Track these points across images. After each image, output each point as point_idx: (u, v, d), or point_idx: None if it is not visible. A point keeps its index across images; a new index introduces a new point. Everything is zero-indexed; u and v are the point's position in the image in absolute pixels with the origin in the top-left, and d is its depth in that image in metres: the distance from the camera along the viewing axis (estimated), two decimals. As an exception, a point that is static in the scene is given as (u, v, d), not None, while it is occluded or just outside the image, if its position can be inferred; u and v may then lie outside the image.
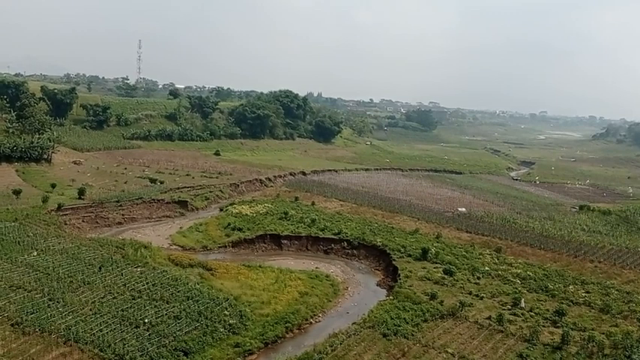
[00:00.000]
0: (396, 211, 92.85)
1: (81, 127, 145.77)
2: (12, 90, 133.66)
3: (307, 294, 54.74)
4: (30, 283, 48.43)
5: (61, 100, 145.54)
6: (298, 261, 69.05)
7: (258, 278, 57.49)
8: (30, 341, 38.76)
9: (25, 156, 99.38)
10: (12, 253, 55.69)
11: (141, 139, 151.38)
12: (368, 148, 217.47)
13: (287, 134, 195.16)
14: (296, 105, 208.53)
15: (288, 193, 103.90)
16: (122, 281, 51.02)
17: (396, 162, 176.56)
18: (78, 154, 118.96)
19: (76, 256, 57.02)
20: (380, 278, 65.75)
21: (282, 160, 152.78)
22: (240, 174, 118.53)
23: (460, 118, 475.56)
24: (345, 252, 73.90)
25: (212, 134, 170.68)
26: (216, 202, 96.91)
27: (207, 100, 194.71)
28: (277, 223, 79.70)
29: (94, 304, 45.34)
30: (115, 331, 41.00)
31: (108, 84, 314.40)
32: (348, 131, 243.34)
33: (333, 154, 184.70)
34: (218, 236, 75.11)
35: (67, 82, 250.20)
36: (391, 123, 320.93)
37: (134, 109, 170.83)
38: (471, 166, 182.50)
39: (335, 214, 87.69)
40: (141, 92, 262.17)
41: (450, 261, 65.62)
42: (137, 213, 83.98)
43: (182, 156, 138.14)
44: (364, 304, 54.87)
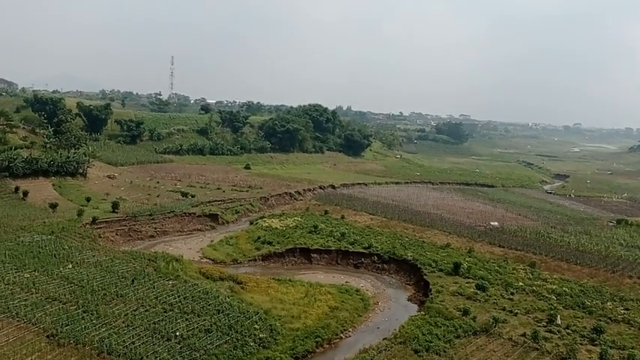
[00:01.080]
0: (427, 225, 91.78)
1: (115, 141, 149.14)
2: (50, 106, 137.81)
3: (337, 308, 54.35)
4: (65, 295, 49.32)
5: (97, 116, 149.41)
6: (328, 275, 68.72)
7: (288, 292, 57.36)
8: (65, 353, 39.37)
9: (61, 170, 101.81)
10: (48, 266, 56.89)
11: (173, 154, 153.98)
12: (398, 162, 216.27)
13: (316, 148, 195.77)
14: (325, 118, 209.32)
15: (318, 206, 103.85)
16: (154, 294, 51.53)
17: (426, 175, 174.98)
18: (112, 168, 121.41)
19: (110, 268, 57.90)
20: (411, 293, 64.91)
21: (312, 173, 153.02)
22: (270, 187, 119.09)
23: (492, 131, 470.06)
24: (375, 266, 73.30)
25: (242, 148, 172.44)
26: (246, 216, 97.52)
27: (237, 114, 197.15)
28: (307, 236, 79.64)
29: (126, 317, 45.86)
30: (147, 344, 41.35)
31: (141, 99, 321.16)
32: (378, 144, 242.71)
33: (362, 167, 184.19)
34: (248, 249, 75.45)
35: (102, 99, 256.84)
36: (421, 136, 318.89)
37: (166, 124, 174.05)
38: (504, 180, 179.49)
39: (365, 227, 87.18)
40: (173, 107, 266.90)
41: (482, 276, 64.37)
42: (169, 226, 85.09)
43: (213, 170, 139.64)
44: (395, 320, 54.21)
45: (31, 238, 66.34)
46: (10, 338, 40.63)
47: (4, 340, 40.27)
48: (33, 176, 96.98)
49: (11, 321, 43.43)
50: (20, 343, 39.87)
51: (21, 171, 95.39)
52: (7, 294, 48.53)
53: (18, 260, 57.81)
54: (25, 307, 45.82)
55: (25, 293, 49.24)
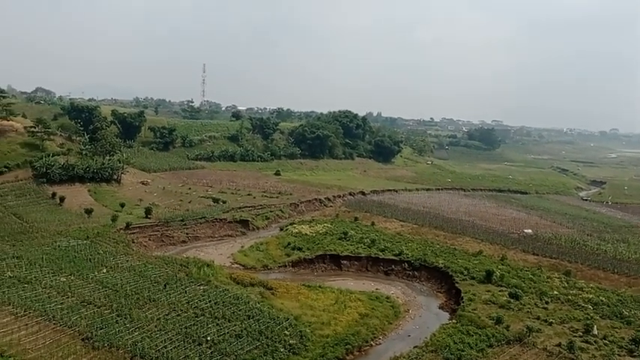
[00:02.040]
0: (459, 232, 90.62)
1: (148, 148, 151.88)
2: (86, 114, 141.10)
3: (367, 315, 54.07)
4: (100, 299, 50.30)
5: (131, 123, 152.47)
6: (358, 282, 68.42)
7: (318, 299, 57.35)
8: (99, 356, 40.11)
9: (96, 176, 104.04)
10: (84, 270, 58.15)
11: (204, 160, 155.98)
12: (429, 168, 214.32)
13: (346, 154, 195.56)
14: (355, 125, 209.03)
15: (348, 213, 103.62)
16: (186, 299, 52.12)
17: (458, 182, 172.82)
18: (145, 174, 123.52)
19: (143, 273, 58.84)
20: (442, 301, 64.18)
21: (342, 179, 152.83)
22: (300, 194, 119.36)
23: (525, 137, 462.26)
24: (405, 273, 72.72)
25: (272, 154, 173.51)
26: (276, 222, 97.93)
27: (267, 121, 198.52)
28: (337, 243, 79.53)
29: (159, 321, 46.48)
30: (179, 348, 41.81)
31: (174, 107, 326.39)
32: (408, 151, 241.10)
33: (392, 173, 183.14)
34: (278, 255, 75.74)
35: (136, 106, 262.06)
36: (453, 142, 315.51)
37: (198, 130, 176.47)
38: (537, 186, 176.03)
39: (395, 234, 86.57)
40: (205, 114, 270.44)
41: (515, 284, 63.19)
42: (200, 232, 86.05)
43: (244, 176, 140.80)
44: (426, 328, 53.66)
45: (67, 242, 68.00)
46: (46, 341, 41.64)
47: (41, 342, 41.28)
48: (69, 182, 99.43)
49: (48, 324, 44.51)
50: (56, 346, 40.81)
51: (58, 177, 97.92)
52: (45, 297, 49.80)
53: (55, 264, 59.29)
54: (61, 310, 46.92)
55: (62, 297, 50.43)
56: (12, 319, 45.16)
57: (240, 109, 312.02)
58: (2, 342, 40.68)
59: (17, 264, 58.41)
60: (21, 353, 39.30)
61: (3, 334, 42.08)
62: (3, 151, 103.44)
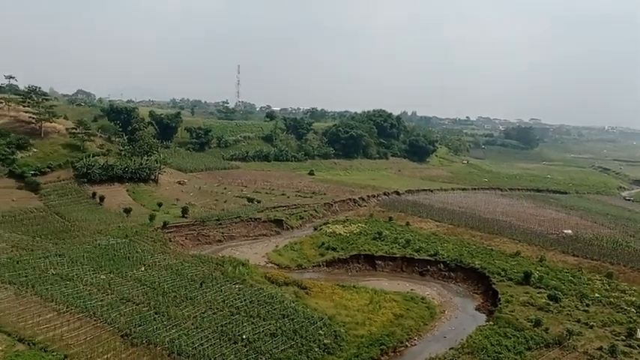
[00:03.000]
0: (496, 232, 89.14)
1: (185, 149, 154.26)
2: (124, 115, 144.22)
3: (402, 316, 53.69)
4: (138, 297, 51.32)
5: (167, 124, 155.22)
6: (393, 282, 68.01)
7: (352, 298, 57.23)
8: (138, 352, 40.93)
9: (134, 177, 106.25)
10: (122, 268, 59.46)
11: (239, 160, 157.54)
12: (465, 167, 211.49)
13: (380, 154, 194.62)
14: (389, 124, 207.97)
15: (382, 213, 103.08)
16: (221, 297, 52.72)
17: (494, 181, 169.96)
18: (182, 174, 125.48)
19: (180, 271, 59.79)
20: (479, 302, 63.25)
21: (376, 179, 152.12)
22: (334, 193, 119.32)
23: (564, 135, 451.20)
24: (441, 274, 71.95)
25: (306, 154, 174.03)
26: (310, 222, 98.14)
27: (301, 121, 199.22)
28: (371, 243, 79.22)
29: (195, 319, 47.14)
30: (215, 346, 42.31)
31: (209, 108, 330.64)
32: (444, 150, 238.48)
33: (427, 173, 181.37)
34: (312, 255, 75.89)
35: (173, 107, 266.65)
36: (489, 141, 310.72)
37: (233, 131, 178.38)
38: (577, 186, 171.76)
39: (430, 234, 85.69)
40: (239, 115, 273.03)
41: (555, 286, 61.80)
42: (236, 231, 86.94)
43: (278, 176, 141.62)
44: (462, 329, 52.95)
45: (107, 241, 69.65)
46: (87, 337, 42.72)
47: (82, 338, 42.37)
48: (109, 182, 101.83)
49: (89, 320, 45.67)
50: (97, 342, 41.83)
51: (98, 177, 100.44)
52: (86, 294, 51.12)
53: (95, 262, 60.81)
54: (101, 307, 48.07)
55: (102, 294, 51.67)
56: (55, 315, 46.50)
57: (274, 110, 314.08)
58: (46, 337, 41.93)
59: (60, 262, 60.13)
60: (63, 348, 40.42)
61: (47, 329, 43.36)
62: (46, 152, 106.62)
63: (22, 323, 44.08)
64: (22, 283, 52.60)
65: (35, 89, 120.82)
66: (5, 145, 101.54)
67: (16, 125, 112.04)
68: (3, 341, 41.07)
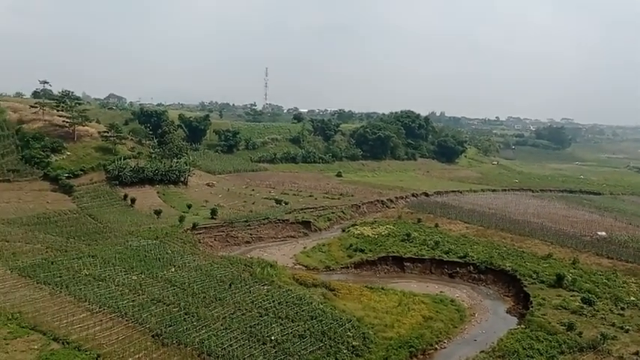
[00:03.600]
0: (527, 234, 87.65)
1: (213, 151, 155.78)
2: (154, 118, 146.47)
3: (432, 318, 53.17)
4: (168, 298, 51.97)
5: (196, 127, 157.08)
6: (421, 284, 67.42)
7: (380, 300, 56.93)
8: (168, 352, 41.43)
9: (165, 179, 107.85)
10: (153, 269, 60.32)
11: (267, 162, 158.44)
12: (494, 168, 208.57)
13: (408, 154, 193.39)
14: (417, 125, 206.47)
15: (411, 214, 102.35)
16: (250, 298, 53.01)
17: (525, 182, 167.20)
18: (211, 176, 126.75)
19: (209, 273, 60.35)
20: (510, 305, 62.22)
21: (404, 180, 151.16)
22: (362, 195, 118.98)
23: (597, 135, 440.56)
24: (471, 276, 71.00)
25: (334, 156, 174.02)
26: (338, 223, 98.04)
27: (329, 123, 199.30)
28: (399, 244, 78.71)
29: (224, 320, 47.50)
30: (244, 347, 42.55)
31: (237, 110, 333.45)
32: (473, 151, 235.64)
33: (456, 174, 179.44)
34: (340, 257, 75.76)
35: (202, 110, 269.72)
36: (519, 141, 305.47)
37: (261, 133, 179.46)
38: (612, 187, 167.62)
39: (460, 236, 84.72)
40: (267, 117, 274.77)
41: (588, 289, 60.39)
42: (264, 233, 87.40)
43: (305, 177, 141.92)
44: (493, 332, 52.12)
45: (138, 242, 70.76)
46: (119, 336, 43.42)
47: (114, 338, 43.09)
48: (140, 184, 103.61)
49: (121, 320, 46.43)
50: (128, 342, 42.48)
51: (129, 179, 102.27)
52: (118, 295, 52.01)
53: (127, 263, 61.82)
54: (133, 307, 48.84)
55: (133, 294, 52.49)
56: (88, 314, 47.42)
57: (301, 112, 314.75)
58: (80, 337, 42.77)
59: (92, 262, 61.31)
60: (96, 348, 41.16)
61: (80, 329, 44.23)
62: (79, 155, 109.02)
63: (56, 323, 45.06)
64: (56, 284, 53.80)
65: (68, 94, 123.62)
66: (40, 148, 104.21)
67: (50, 129, 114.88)
68: (38, 340, 42.05)
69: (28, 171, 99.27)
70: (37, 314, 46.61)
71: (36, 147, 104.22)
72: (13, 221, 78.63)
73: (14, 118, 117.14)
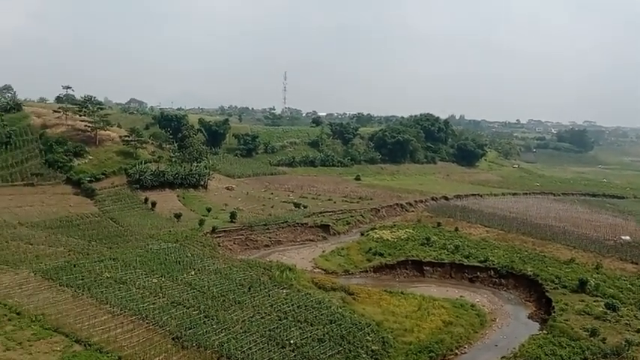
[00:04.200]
0: (548, 238, 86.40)
1: (233, 155, 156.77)
2: (174, 123, 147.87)
3: (452, 323, 52.70)
4: (188, 301, 52.29)
5: (216, 131, 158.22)
6: (441, 288, 66.92)
7: (400, 305, 56.63)
8: (188, 355, 41.67)
9: (185, 182, 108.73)
10: (173, 272, 60.76)
11: (286, 166, 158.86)
12: (515, 172, 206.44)
13: (428, 158, 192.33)
14: (437, 128, 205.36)
15: (430, 218, 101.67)
16: (269, 302, 53.08)
17: (547, 186, 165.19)
18: (230, 180, 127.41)
19: (228, 276, 60.60)
20: (531, 310, 61.51)
21: (424, 184, 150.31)
22: (381, 199, 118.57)
23: (621, 138, 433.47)
24: (491, 281, 70.34)
25: (352, 159, 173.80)
26: (357, 227, 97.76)
27: (347, 126, 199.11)
28: (419, 248, 78.25)
29: (244, 323, 47.62)
30: (263, 350, 42.60)
31: (256, 114, 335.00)
32: (493, 154, 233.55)
33: (476, 177, 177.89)
34: (359, 261, 75.54)
35: (221, 114, 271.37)
36: (540, 144, 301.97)
37: (280, 137, 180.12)
38: (635, 190, 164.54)
39: (480, 240, 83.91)
40: (286, 121, 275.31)
41: (612, 294, 59.40)
42: (282, 236, 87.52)
43: (324, 181, 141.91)
44: (514, 338, 51.52)
45: (158, 245, 71.35)
46: (140, 339, 43.79)
47: (135, 340, 43.47)
48: (160, 188, 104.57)
49: (141, 323, 46.83)
50: (149, 344, 42.82)
51: (150, 183, 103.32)
52: (138, 297, 52.47)
53: (147, 266, 62.38)
54: (153, 310, 49.22)
55: (154, 297, 52.92)
56: (109, 317, 47.92)
57: (320, 115, 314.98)
58: (101, 339, 43.23)
59: (114, 265, 61.96)
60: (118, 350, 41.56)
61: (102, 331, 44.71)
62: (101, 159, 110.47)
63: (78, 325, 45.62)
64: (78, 286, 54.47)
65: (90, 99, 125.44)
66: (63, 152, 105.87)
67: (72, 134, 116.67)
68: (61, 342, 42.61)
69: (52, 175, 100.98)
70: (59, 316, 47.23)
71: (59, 151, 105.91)
72: (37, 224, 79.93)
73: (38, 123, 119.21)
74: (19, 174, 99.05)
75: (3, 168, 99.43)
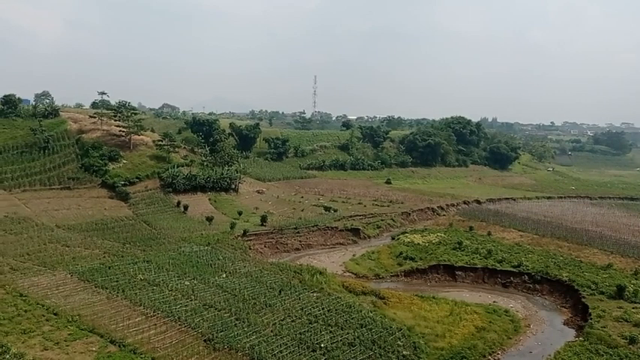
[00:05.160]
0: (585, 243, 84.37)
1: (263, 158, 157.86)
2: (206, 127, 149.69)
3: (484, 329, 51.85)
4: (220, 303, 52.70)
5: (247, 135, 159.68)
6: (474, 294, 65.93)
7: (431, 310, 56.02)
8: (220, 357, 41.98)
9: (216, 186, 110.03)
10: (205, 275, 61.38)
11: (316, 169, 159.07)
12: (549, 175, 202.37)
13: (460, 161, 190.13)
14: (469, 131, 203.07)
15: (462, 222, 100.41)
16: (300, 305, 53.12)
17: (582, 189, 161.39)
18: (260, 183, 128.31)
19: (259, 279, 60.91)
20: (567, 317, 59.98)
21: (455, 188, 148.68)
22: (412, 202, 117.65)
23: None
24: (525, 286, 68.95)
25: (383, 163, 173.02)
26: (387, 231, 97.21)
27: (378, 129, 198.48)
28: (451, 253, 77.27)
29: (274, 326, 47.75)
30: (294, 354, 42.60)
31: (286, 118, 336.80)
32: (527, 157, 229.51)
33: (510, 181, 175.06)
34: (390, 265, 75.05)
35: (252, 119, 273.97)
36: (576, 147, 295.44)
37: (310, 140, 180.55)
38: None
39: (514, 245, 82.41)
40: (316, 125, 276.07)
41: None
42: (313, 240, 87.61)
43: (354, 185, 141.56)
44: (549, 344, 50.41)
45: (190, 248, 72.22)
46: (173, 340, 44.32)
47: (168, 341, 44.02)
48: (192, 191, 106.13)
49: (174, 324, 47.40)
50: (181, 346, 43.30)
51: (182, 187, 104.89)
52: (171, 299, 53.15)
53: (180, 269, 63.15)
54: (185, 312, 49.77)
55: (186, 299, 53.51)
56: (143, 318, 48.65)
57: (350, 119, 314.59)
58: (135, 340, 43.93)
59: (147, 267, 62.97)
60: (151, 351, 42.14)
61: (136, 332, 45.42)
62: (135, 163, 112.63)
63: (113, 326, 46.44)
64: (113, 288, 55.48)
65: (125, 104, 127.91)
66: (98, 157, 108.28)
67: (107, 138, 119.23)
68: (96, 342, 43.45)
69: (87, 178, 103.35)
70: (95, 317, 48.17)
71: (94, 155, 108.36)
72: (74, 227, 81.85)
73: (74, 128, 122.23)
74: (56, 178, 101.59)
75: (41, 172, 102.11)
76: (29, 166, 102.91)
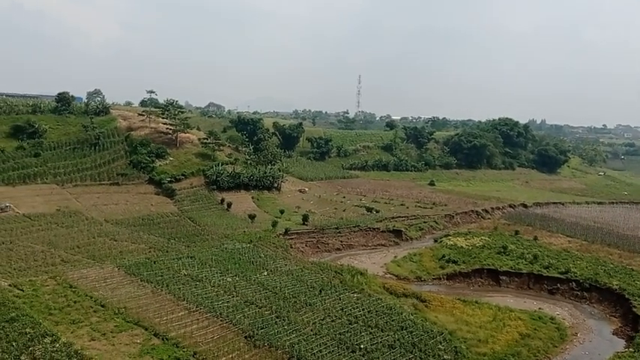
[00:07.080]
0: (637, 250, 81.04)
1: (306, 158, 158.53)
2: (250, 126, 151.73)
3: (529, 336, 50.50)
4: (260, 300, 53.14)
5: (290, 135, 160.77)
6: (518, 299, 64.28)
7: (474, 314, 54.94)
8: (260, 354, 42.29)
9: (259, 184, 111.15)
10: (247, 272, 62.02)
11: (358, 169, 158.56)
12: (601, 179, 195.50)
13: (506, 164, 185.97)
14: (516, 133, 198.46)
15: (507, 226, 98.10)
16: (340, 305, 52.99)
17: (636, 195, 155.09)
18: (303, 183, 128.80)
19: (300, 278, 61.10)
20: (616, 326, 57.69)
21: (501, 191, 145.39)
22: (455, 205, 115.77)
23: None
24: (573, 293, 66.72)
25: (427, 164, 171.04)
26: (430, 233, 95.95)
27: (422, 130, 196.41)
28: (495, 257, 75.57)
29: (314, 325, 47.77)
30: (333, 354, 42.51)
31: (330, 118, 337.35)
32: (577, 160, 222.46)
33: (558, 185, 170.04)
34: (432, 267, 74.04)
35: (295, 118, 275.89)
36: (630, 151, 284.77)
37: (353, 140, 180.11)
38: None
39: (561, 250, 79.92)
40: (359, 125, 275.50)
41: None
42: (354, 240, 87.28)
43: (397, 186, 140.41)
44: (597, 354, 48.75)
45: (232, 245, 73.14)
46: (214, 336, 44.95)
47: (209, 337, 44.68)
48: (236, 189, 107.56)
49: (216, 320, 48.06)
50: (223, 341, 43.86)
51: (226, 184, 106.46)
52: (213, 295, 53.93)
53: (222, 265, 64.03)
54: (227, 308, 50.40)
55: (228, 296, 54.20)
56: (186, 313, 49.55)
57: (394, 119, 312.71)
58: (178, 334, 44.76)
59: (191, 263, 64.11)
60: (193, 345, 42.85)
61: (178, 326, 46.29)
62: (180, 160, 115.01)
63: (157, 319, 47.46)
64: (157, 282, 56.70)
65: (172, 102, 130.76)
66: (146, 154, 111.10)
67: (155, 136, 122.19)
68: (141, 335, 44.49)
69: (135, 175, 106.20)
70: (140, 310, 49.32)
71: (142, 152, 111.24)
72: (121, 222, 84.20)
73: (124, 126, 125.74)
74: (106, 174, 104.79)
75: (92, 168, 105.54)
76: (81, 161, 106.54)
